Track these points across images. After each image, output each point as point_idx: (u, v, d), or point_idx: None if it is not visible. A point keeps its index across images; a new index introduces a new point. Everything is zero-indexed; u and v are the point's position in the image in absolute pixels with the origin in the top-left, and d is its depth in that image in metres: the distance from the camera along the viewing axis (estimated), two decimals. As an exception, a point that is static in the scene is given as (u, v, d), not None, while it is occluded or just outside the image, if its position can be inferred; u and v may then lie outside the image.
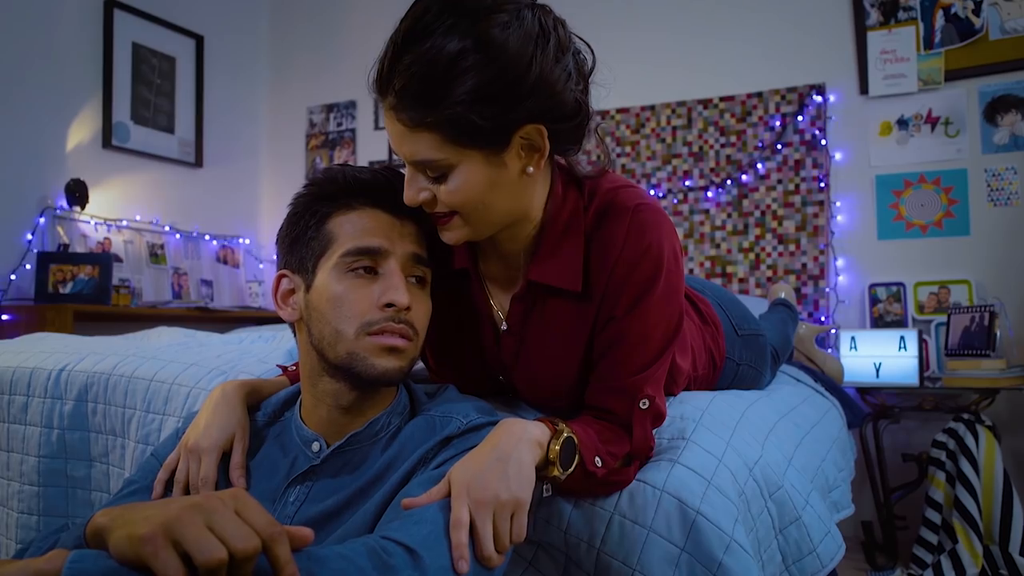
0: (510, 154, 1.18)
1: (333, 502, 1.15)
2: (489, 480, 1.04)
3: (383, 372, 1.17)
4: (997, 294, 3.42)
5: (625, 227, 1.28)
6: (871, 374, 3.33)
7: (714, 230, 4.01)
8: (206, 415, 1.28)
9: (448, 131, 1.12)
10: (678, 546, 1.20)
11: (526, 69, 1.12)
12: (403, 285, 1.18)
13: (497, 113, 1.12)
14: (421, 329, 1.23)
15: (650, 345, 1.30)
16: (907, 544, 3.16)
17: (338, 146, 5.12)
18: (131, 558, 0.76)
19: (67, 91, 4.16)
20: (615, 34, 4.25)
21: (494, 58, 1.10)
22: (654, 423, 1.33)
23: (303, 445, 1.23)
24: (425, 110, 1.11)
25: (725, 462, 1.34)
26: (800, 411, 2.01)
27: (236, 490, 0.84)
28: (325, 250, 1.21)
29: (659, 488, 1.25)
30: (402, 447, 1.19)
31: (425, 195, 1.20)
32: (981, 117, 3.53)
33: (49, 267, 3.79)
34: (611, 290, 1.29)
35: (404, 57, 1.11)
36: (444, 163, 1.16)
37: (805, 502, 1.46)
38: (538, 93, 1.14)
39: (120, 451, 1.78)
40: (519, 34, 1.12)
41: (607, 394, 1.31)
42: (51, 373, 1.90)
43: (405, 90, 1.11)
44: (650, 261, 1.27)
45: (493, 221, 1.25)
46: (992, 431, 2.94)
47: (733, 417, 1.55)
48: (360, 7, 5.08)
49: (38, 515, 1.85)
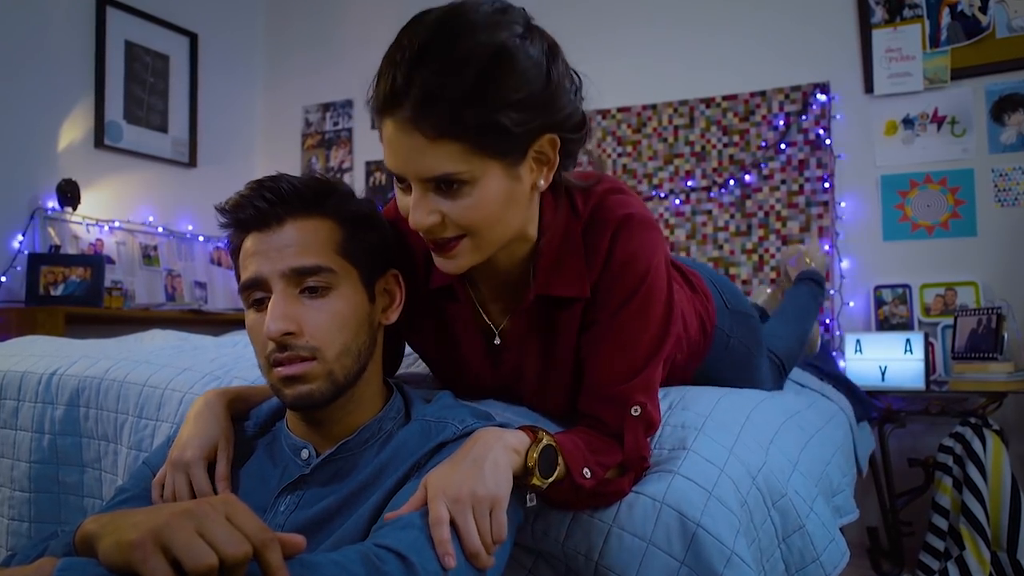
0: (524, 168, 1.18)
1: (324, 508, 1.14)
2: (464, 479, 1.04)
3: (292, 402, 1.17)
4: (1004, 296, 3.41)
5: (608, 238, 1.29)
6: (876, 377, 3.31)
7: (717, 231, 4.00)
8: (188, 427, 1.27)
9: (475, 139, 1.10)
10: (678, 559, 1.20)
11: (546, 78, 1.14)
12: (278, 311, 1.13)
13: (524, 120, 1.12)
14: (325, 343, 1.16)
15: (635, 351, 1.30)
16: (913, 550, 3.13)
17: (334, 146, 5.10)
18: (120, 565, 0.76)
19: (59, 89, 4.13)
20: (616, 32, 4.25)
21: (518, 66, 1.11)
22: (647, 431, 1.31)
23: (292, 454, 1.23)
24: (453, 116, 1.09)
25: (727, 471, 1.33)
26: (804, 416, 2.00)
27: (227, 496, 0.83)
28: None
29: (659, 500, 1.24)
30: (395, 452, 1.18)
31: (435, 218, 1.16)
32: (988, 116, 3.52)
33: (40, 269, 3.76)
34: (596, 296, 1.30)
35: (427, 65, 1.09)
36: (466, 176, 1.13)
37: (809, 509, 1.45)
38: (555, 102, 1.16)
39: (112, 457, 1.76)
40: (536, 46, 1.15)
41: (597, 402, 1.30)
42: (42, 377, 1.88)
43: (427, 99, 1.08)
44: (633, 274, 1.28)
45: (499, 241, 1.24)
46: (999, 435, 2.92)
47: (738, 420, 1.53)
48: (356, 5, 5.06)
49: (29, 521, 1.83)
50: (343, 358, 1.17)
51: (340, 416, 1.21)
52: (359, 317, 1.21)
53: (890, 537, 3.23)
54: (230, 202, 1.22)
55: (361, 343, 1.21)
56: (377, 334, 1.27)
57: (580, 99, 1.24)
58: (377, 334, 1.27)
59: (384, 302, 1.28)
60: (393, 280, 1.30)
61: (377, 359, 1.27)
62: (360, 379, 1.21)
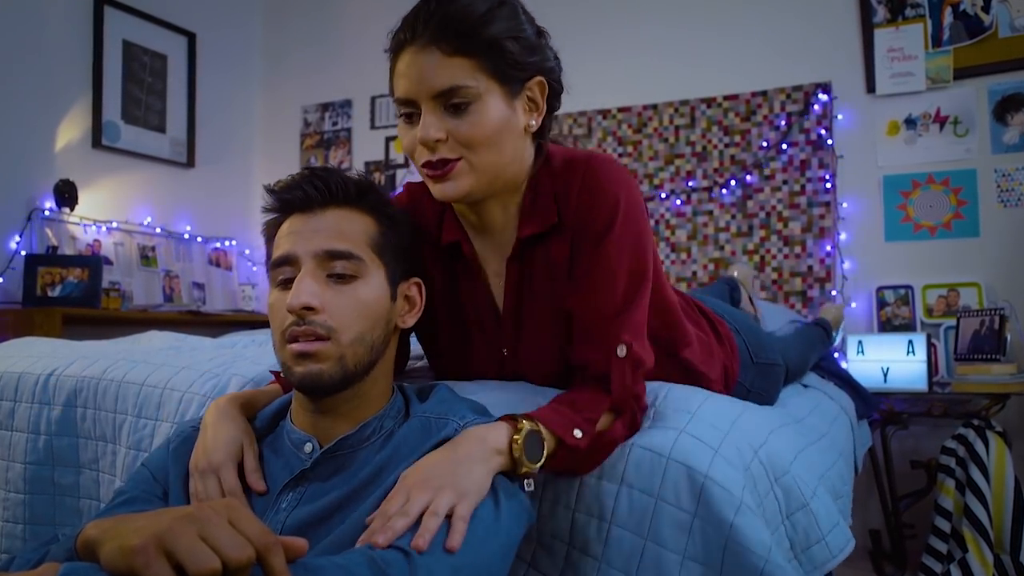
0: (519, 103, 1.35)
1: (324, 505, 1.15)
2: (433, 474, 1.06)
3: (299, 379, 1.18)
4: (1007, 297, 3.40)
5: (580, 176, 1.40)
6: (879, 379, 3.30)
7: (718, 232, 3.99)
8: (210, 433, 1.28)
9: (485, 57, 1.28)
10: (689, 512, 1.21)
11: (539, 30, 1.39)
12: (305, 287, 1.18)
13: (524, 51, 1.32)
14: (342, 326, 1.19)
15: (615, 284, 1.36)
16: (916, 553, 3.12)
17: (333, 146, 5.09)
18: (123, 570, 0.75)
19: (56, 89, 4.12)
20: (617, 32, 4.24)
21: (518, 13, 1.34)
22: (636, 369, 1.35)
23: (295, 448, 1.24)
24: (466, 38, 1.27)
25: (731, 439, 1.34)
26: (807, 423, 1.99)
27: (229, 500, 0.85)
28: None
29: (665, 455, 1.25)
30: (396, 450, 1.19)
31: (441, 133, 1.28)
32: (991, 116, 3.52)
33: (37, 270, 3.75)
34: (575, 237, 1.40)
35: (443, 2, 1.28)
36: (473, 91, 1.28)
37: (812, 492, 1.44)
38: (544, 51, 1.38)
39: (111, 457, 1.76)
40: (523, 5, 1.38)
41: (584, 345, 1.36)
42: (39, 378, 1.88)
43: (448, 22, 1.26)
44: (605, 205, 1.37)
45: (492, 167, 1.34)
46: (1002, 437, 2.92)
47: (732, 413, 1.51)
48: (355, 5, 5.05)
49: (24, 523, 1.82)
50: (356, 345, 1.20)
51: (346, 410, 1.23)
52: (379, 311, 1.25)
53: (892, 539, 3.23)
54: (280, 183, 1.29)
55: (376, 337, 1.24)
56: (392, 335, 1.31)
57: (558, 62, 1.43)
58: (392, 335, 1.31)
59: (404, 307, 1.32)
60: (416, 288, 1.35)
61: (388, 360, 1.30)
62: (369, 375, 1.24)
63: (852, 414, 2.48)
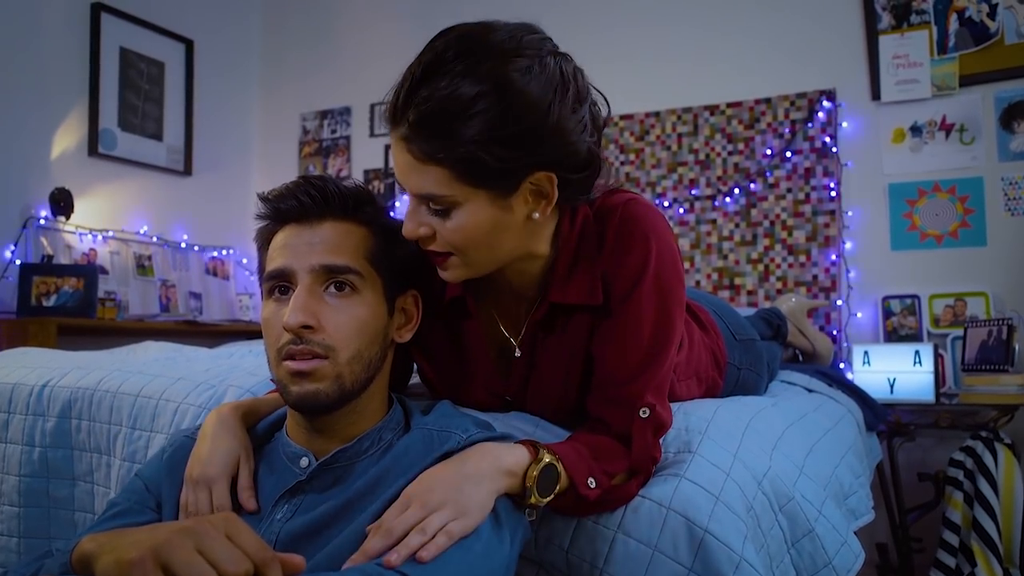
0: (517, 199, 1.21)
1: (319, 516, 1.14)
2: (436, 489, 1.06)
3: (296, 399, 1.17)
4: (1015, 307, 3.39)
5: (616, 221, 1.32)
6: (885, 390, 3.27)
7: (721, 240, 3.97)
8: (207, 444, 1.27)
9: (457, 169, 1.15)
10: (685, 566, 1.19)
11: (543, 117, 1.15)
12: (302, 304, 1.15)
13: (509, 157, 1.15)
14: (340, 344, 1.18)
15: (641, 338, 1.31)
16: (924, 567, 3.09)
17: (332, 153, 5.08)
18: None
19: (52, 97, 4.12)
20: (620, 39, 4.23)
21: (512, 103, 1.12)
22: (657, 433, 1.32)
23: (290, 462, 1.24)
24: (437, 145, 1.14)
25: (733, 476, 1.33)
26: (811, 418, 2.01)
27: (227, 514, 0.84)
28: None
29: (665, 505, 1.24)
30: (395, 461, 1.18)
31: (425, 230, 1.22)
32: (997, 124, 3.50)
33: (32, 279, 3.75)
34: (608, 286, 1.33)
35: (421, 90, 1.13)
36: (450, 200, 1.18)
37: (818, 512, 1.46)
38: (553, 142, 1.17)
39: (105, 469, 1.77)
40: (540, 81, 1.15)
41: (604, 404, 1.32)
42: (33, 389, 1.89)
43: (419, 122, 1.13)
44: (638, 249, 1.31)
45: (493, 261, 1.28)
46: (1011, 449, 2.91)
47: (739, 427, 1.54)
48: (354, 12, 5.05)
49: (18, 537, 1.83)
50: (354, 363, 1.19)
51: (342, 426, 1.22)
52: (376, 326, 1.23)
53: (900, 553, 3.20)
54: (275, 191, 1.25)
55: (373, 353, 1.22)
56: (388, 350, 1.29)
57: (593, 137, 1.24)
58: (388, 350, 1.29)
59: (400, 320, 1.31)
60: (412, 300, 1.33)
61: (384, 374, 1.29)
62: (366, 391, 1.22)
63: (860, 420, 2.49)
